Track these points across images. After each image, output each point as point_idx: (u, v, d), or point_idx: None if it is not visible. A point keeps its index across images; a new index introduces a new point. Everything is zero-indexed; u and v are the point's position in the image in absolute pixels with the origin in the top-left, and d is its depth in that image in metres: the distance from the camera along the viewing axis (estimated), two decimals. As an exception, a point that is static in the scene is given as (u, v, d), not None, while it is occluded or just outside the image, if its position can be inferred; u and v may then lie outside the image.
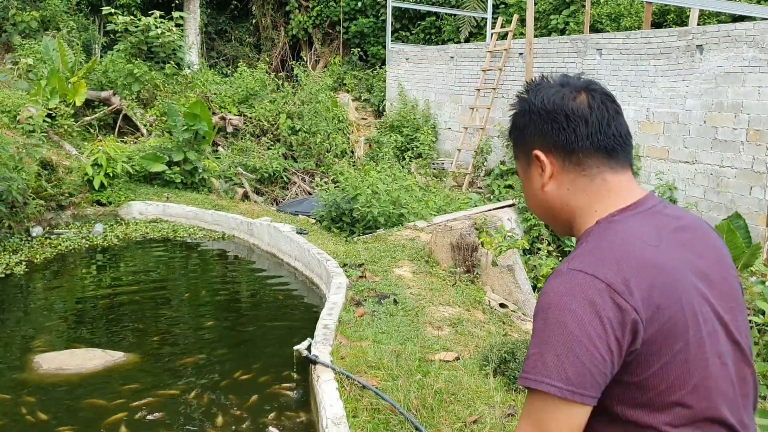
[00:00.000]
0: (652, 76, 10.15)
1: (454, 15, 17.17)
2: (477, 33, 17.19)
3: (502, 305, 6.14)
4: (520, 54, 12.44)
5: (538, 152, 1.43)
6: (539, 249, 8.23)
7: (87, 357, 4.89)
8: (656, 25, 13.91)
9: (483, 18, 16.68)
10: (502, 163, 11.93)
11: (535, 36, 12.69)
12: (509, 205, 9.05)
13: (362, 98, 16.38)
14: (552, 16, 15.87)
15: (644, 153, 10.24)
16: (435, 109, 14.27)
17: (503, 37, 13.04)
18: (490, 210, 8.79)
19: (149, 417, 4.11)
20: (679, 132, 9.80)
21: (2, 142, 7.87)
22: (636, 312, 1.22)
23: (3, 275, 6.92)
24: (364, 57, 17.85)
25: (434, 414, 3.75)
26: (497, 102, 12.71)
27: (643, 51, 10.25)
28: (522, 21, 13.61)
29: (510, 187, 10.83)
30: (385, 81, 15.90)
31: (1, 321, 6.03)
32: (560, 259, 8.26)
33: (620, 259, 1.26)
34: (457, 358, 4.62)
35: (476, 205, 9.29)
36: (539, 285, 7.74)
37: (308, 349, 4.49)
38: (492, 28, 14.90)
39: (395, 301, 5.70)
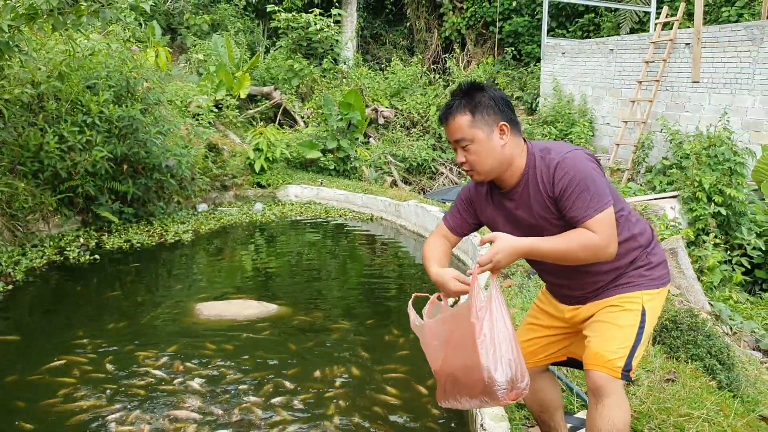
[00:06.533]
0: (844, 61, 9.12)
1: (615, 11, 16.45)
2: (639, 29, 16.35)
3: (662, 288, 5.72)
4: (687, 44, 11.66)
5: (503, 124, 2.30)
6: (704, 241, 7.61)
7: (243, 306, 5.13)
8: None
9: (645, 13, 15.84)
10: (665, 158, 11.20)
11: (704, 25, 11.85)
12: (672, 197, 8.46)
13: (515, 96, 16.10)
14: (723, 9, 14.74)
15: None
16: (592, 103, 13.72)
17: (667, 27, 12.30)
18: (651, 199, 8.26)
19: (305, 357, 4.22)
20: None
21: (174, 122, 8.50)
22: None
23: (173, 241, 7.46)
24: (518, 56, 17.55)
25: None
26: (660, 95, 11.99)
27: (835, 34, 9.25)
28: (689, 15, 12.76)
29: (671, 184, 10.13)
30: (538, 79, 15.52)
31: (171, 277, 6.52)
32: (728, 252, 7.59)
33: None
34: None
35: (636, 195, 8.78)
36: (704, 278, 7.15)
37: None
38: (656, 19, 14.12)
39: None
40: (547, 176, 2.26)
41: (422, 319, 2.50)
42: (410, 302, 2.53)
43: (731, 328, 5.68)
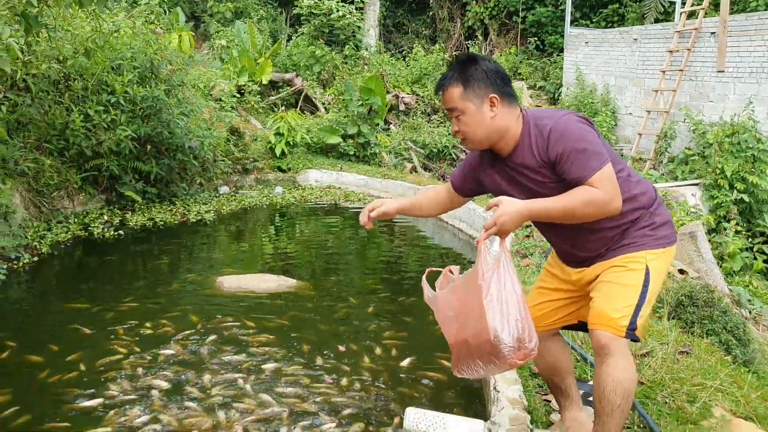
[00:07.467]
0: None
1: (639, 1, 16.29)
2: (663, 20, 16.17)
3: (681, 271, 5.71)
4: (712, 33, 11.53)
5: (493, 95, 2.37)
6: (725, 228, 7.56)
7: (262, 279, 5.22)
8: None
9: (671, 3, 15.66)
10: (688, 148, 11.10)
11: (731, 14, 11.69)
12: (694, 184, 8.40)
13: (537, 86, 16.03)
14: (751, -1, 14.54)
15: None
16: (615, 93, 13.62)
17: (692, 16, 12.17)
18: (672, 186, 8.22)
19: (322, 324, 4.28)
20: None
21: (197, 103, 8.60)
22: None
23: (195, 220, 7.57)
24: (541, 46, 17.46)
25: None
26: (684, 84, 11.87)
27: None
28: (715, 5, 12.60)
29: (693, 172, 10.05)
30: (561, 68, 15.44)
31: (193, 253, 6.63)
32: (749, 239, 7.53)
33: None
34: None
35: (657, 182, 8.73)
36: (724, 264, 7.11)
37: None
38: (681, 8, 13.96)
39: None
40: (542, 142, 2.32)
41: (435, 291, 2.56)
42: (424, 277, 2.60)
43: (750, 312, 5.65)
